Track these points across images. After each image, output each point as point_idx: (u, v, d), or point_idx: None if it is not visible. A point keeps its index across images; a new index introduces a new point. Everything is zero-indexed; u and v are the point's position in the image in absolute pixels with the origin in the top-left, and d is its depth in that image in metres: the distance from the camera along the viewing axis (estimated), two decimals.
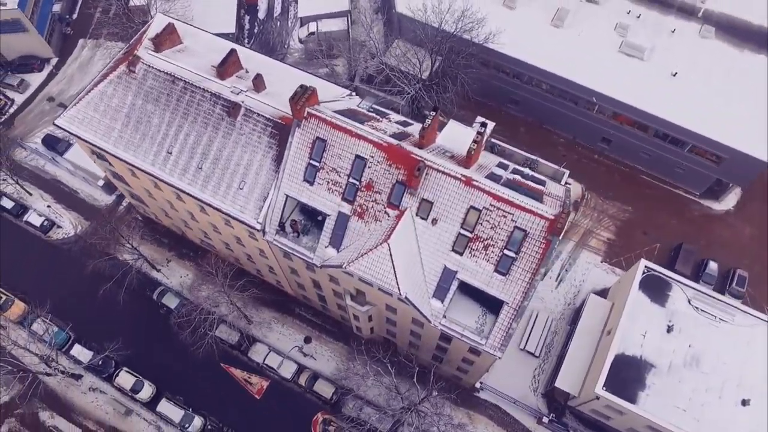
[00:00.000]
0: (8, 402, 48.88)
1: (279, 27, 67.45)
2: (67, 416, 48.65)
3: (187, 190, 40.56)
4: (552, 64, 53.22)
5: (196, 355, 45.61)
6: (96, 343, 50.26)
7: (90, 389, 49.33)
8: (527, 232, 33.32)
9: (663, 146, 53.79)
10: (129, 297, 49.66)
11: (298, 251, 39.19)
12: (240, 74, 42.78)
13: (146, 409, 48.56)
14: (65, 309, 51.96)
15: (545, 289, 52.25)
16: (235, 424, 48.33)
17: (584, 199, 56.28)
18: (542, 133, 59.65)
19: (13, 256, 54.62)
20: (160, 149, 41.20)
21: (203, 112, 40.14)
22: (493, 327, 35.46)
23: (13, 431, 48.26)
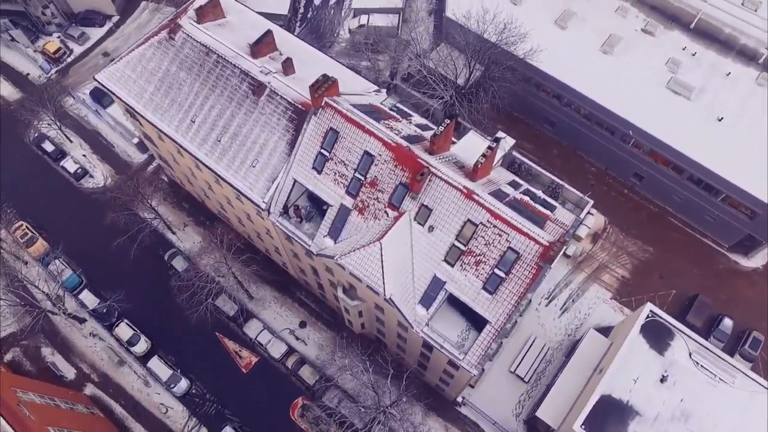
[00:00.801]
0: (16, 332, 51.49)
1: (332, 15, 68.12)
2: (66, 356, 50.93)
3: (204, 160, 41.68)
4: (593, 90, 51.93)
5: (191, 319, 46.82)
6: (103, 292, 52.37)
7: (91, 334, 51.45)
8: (520, 255, 32.76)
9: (696, 191, 51.68)
10: (140, 253, 51.50)
11: (298, 236, 39.74)
12: (273, 55, 43.57)
13: (138, 362, 50.30)
14: (80, 254, 54.46)
15: (548, 316, 51.19)
16: (219, 393, 49.46)
17: (605, 232, 54.71)
18: (574, 159, 58.25)
19: (44, 197, 57.52)
20: (185, 117, 42.45)
21: (230, 87, 41.10)
22: (473, 344, 35.06)
23: (16, 360, 50.84)
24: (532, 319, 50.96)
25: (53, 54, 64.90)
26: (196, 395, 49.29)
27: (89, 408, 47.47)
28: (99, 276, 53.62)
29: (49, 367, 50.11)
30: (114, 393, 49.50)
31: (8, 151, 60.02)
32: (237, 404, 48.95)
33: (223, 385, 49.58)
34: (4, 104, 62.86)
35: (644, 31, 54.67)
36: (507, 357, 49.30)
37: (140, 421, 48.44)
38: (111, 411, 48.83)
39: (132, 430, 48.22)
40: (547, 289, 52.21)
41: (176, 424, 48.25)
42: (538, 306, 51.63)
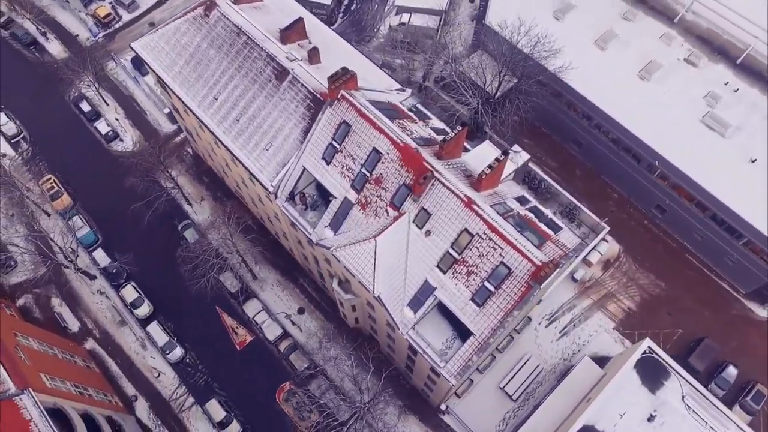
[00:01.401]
0: (30, 280, 53.64)
1: (375, 10, 68.34)
2: (73, 309, 52.82)
3: (221, 137, 42.50)
4: (624, 114, 50.77)
5: (193, 290, 47.87)
6: (115, 252, 54.08)
7: (98, 291, 53.19)
8: (511, 271, 32.40)
9: (718, 232, 50.01)
10: (155, 220, 52.88)
11: (300, 223, 40.19)
12: (302, 43, 44.05)
13: (139, 325, 51.77)
14: (99, 213, 56.54)
15: (546, 337, 50.41)
16: (211, 366, 50.51)
17: (618, 261, 53.48)
18: (597, 183, 57.07)
19: (74, 154, 59.70)
20: (209, 93, 43.35)
21: (255, 69, 41.76)
22: (456, 354, 34.87)
23: (27, 306, 53.00)
24: (530, 337, 50.28)
25: (103, 18, 67.09)
26: (188, 365, 50.45)
27: (87, 362, 49.16)
28: (113, 236, 55.42)
29: (56, 318, 52.08)
30: (112, 351, 51.13)
31: (48, 106, 62.50)
32: (226, 379, 49.90)
33: (215, 359, 50.61)
34: (51, 61, 65.38)
35: (687, 61, 53.08)
36: (498, 372, 48.81)
37: (132, 382, 49.89)
38: (107, 368, 50.44)
39: (124, 388, 49.68)
40: (550, 310, 51.41)
41: (166, 390, 49.51)
42: (538, 326, 50.90)
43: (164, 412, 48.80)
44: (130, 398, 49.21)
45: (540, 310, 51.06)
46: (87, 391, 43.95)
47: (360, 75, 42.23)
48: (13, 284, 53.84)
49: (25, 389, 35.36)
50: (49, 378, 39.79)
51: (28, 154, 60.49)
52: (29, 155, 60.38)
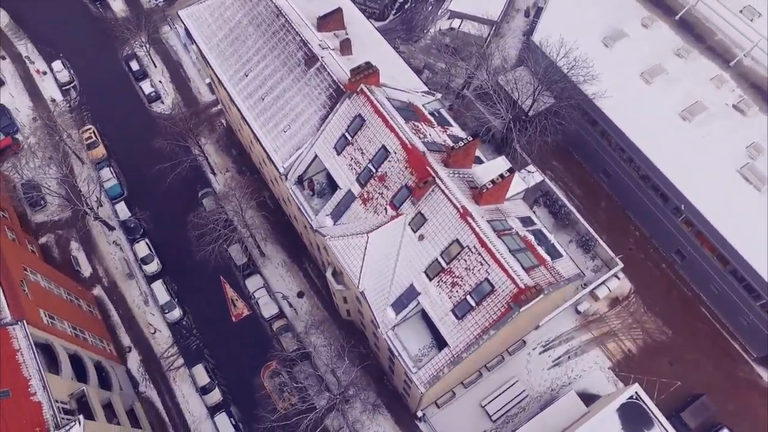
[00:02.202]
0: (55, 221, 56.33)
1: (428, 11, 68.29)
2: (88, 254, 55.15)
3: (244, 113, 43.46)
4: (657, 153, 49.16)
5: (198, 257, 49.17)
6: (136, 208, 56.15)
7: (114, 242, 55.36)
8: (494, 289, 32.01)
9: (736, 288, 47.83)
10: (179, 183, 54.42)
11: (304, 207, 40.76)
12: (338, 33, 44.52)
13: (145, 281, 53.59)
14: (128, 168, 58.83)
15: (538, 364, 49.46)
16: (205, 332, 51.84)
17: (627, 300, 51.91)
18: (620, 218, 55.49)
19: (116, 109, 62.25)
20: (241, 69, 44.39)
21: (287, 52, 42.51)
22: (429, 362, 34.72)
23: (48, 245, 55.71)
24: (521, 361, 49.46)
25: None
26: (184, 327, 51.94)
27: (91, 307, 51.28)
28: (137, 192, 57.56)
29: (71, 260, 54.46)
30: (116, 301, 53.15)
31: (101, 60, 65.33)
32: (217, 348, 51.14)
33: (210, 326, 51.91)
34: (112, 18, 68.21)
35: (735, 107, 50.88)
36: (483, 390, 48.23)
37: (130, 334, 51.75)
38: (109, 316, 52.47)
39: (120, 338, 51.60)
40: (547, 337, 50.42)
41: (158, 347, 51.14)
42: (532, 351, 50.00)
43: (153, 368, 50.44)
44: (124, 349, 51.08)
45: (537, 336, 50.16)
46: (83, 335, 45.87)
47: (389, 73, 42.61)
48: (39, 222, 56.66)
49: (20, 321, 37.21)
50: (48, 315, 41.72)
51: (75, 102, 63.41)
52: (76, 104, 63.27)
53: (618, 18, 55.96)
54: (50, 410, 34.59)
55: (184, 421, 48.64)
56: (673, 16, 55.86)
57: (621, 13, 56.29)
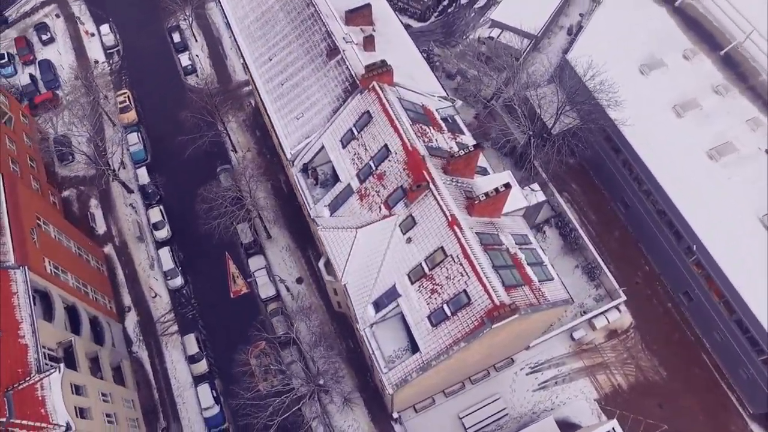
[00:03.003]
0: (79, 177, 58.67)
1: (470, 17, 67.87)
2: (105, 213, 57.31)
3: (262, 96, 44.29)
4: (676, 188, 47.68)
5: (203, 230, 50.29)
6: (156, 174, 57.96)
7: (131, 205, 57.28)
8: (471, 302, 31.83)
9: (739, 339, 46.10)
10: (200, 156, 55.83)
11: (305, 195, 41.33)
12: (365, 29, 44.80)
13: (154, 246, 55.27)
14: (154, 135, 60.85)
15: (523, 384, 48.82)
16: (203, 304, 53.10)
17: (625, 334, 50.64)
18: (632, 250, 54.07)
19: (153, 77, 64.35)
20: (266, 52, 45.23)
21: (312, 41, 43.09)
22: (400, 365, 34.79)
23: (69, 198, 58.13)
24: (507, 379, 48.93)
25: None
26: (183, 296, 53.36)
27: (99, 263, 53.25)
28: (159, 159, 59.45)
29: (89, 216, 56.66)
30: (124, 261, 55.03)
31: (146, 29, 67.56)
32: (211, 320, 52.32)
33: (208, 299, 53.14)
34: None
35: None
36: (463, 402, 47.95)
37: (131, 294, 53.52)
38: (115, 275, 54.38)
39: (122, 298, 53.43)
40: (537, 359, 49.69)
41: (156, 311, 52.71)
42: (519, 371, 49.38)
43: (149, 330, 52.06)
44: (124, 308, 52.87)
45: (526, 356, 49.52)
46: (85, 289, 47.70)
47: (408, 73, 42.80)
48: (64, 176, 59.12)
49: (22, 266, 39.02)
50: (52, 265, 43.57)
51: (116, 66, 65.77)
52: (117, 67, 65.64)
53: (659, 46, 54.53)
54: (35, 354, 36.21)
55: (170, 386, 50.05)
56: (718, 51, 54.09)
57: (663, 41, 54.83)
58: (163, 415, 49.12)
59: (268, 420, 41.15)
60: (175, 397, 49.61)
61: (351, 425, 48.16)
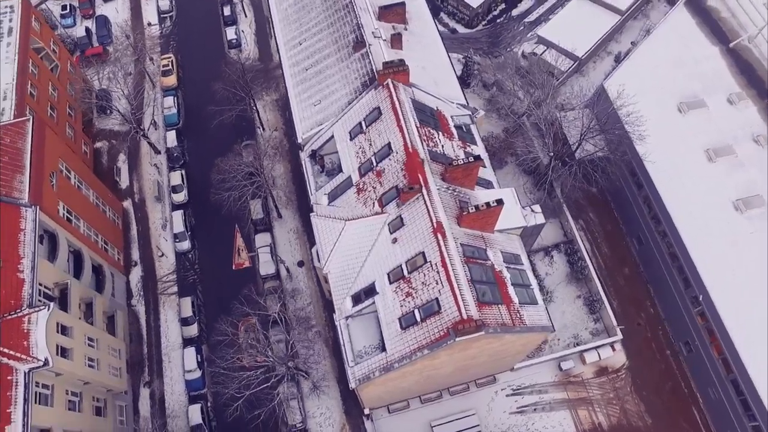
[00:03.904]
0: (113, 131, 61.09)
1: (517, 30, 66.93)
2: (130, 168, 59.60)
3: (286, 78, 45.09)
4: (693, 234, 45.96)
5: (217, 201, 51.50)
6: (184, 139, 59.82)
7: (155, 165, 59.30)
8: (440, 311, 31.69)
9: (733, 401, 44.16)
10: (227, 129, 57.25)
11: (309, 181, 41.89)
12: (397, 26, 44.96)
13: (170, 207, 57.06)
14: (189, 101, 62.75)
15: (501, 405, 48.17)
16: (205, 271, 54.50)
17: (616, 374, 49.21)
18: (640, 289, 52.43)
19: (198, 47, 66.32)
20: (297, 36, 46.00)
21: (341, 31, 43.54)
22: (366, 361, 34.94)
23: (101, 150, 60.71)
24: (485, 397, 48.41)
25: None
26: (188, 260, 54.94)
27: (116, 216, 55.41)
28: (189, 125, 61.37)
29: (115, 170, 59.02)
30: (139, 217, 57.08)
31: None
32: (209, 288, 53.65)
33: (211, 267, 54.52)
34: None
35: None
36: (437, 411, 47.71)
37: (140, 250, 55.49)
38: (129, 229, 56.51)
39: (131, 251, 55.46)
40: (520, 383, 48.92)
41: (159, 270, 54.48)
42: (500, 391, 48.74)
43: (149, 287, 53.90)
44: (131, 262, 54.87)
45: (510, 377, 48.82)
46: (96, 238, 49.75)
47: (431, 77, 42.83)
48: (100, 128, 61.67)
49: (34, 206, 41.02)
50: (66, 209, 45.59)
51: (166, 30, 68.06)
52: (167, 32, 67.94)
53: (704, 86, 52.61)
54: (30, 289, 38.06)
55: (160, 343, 51.71)
56: (767, 99, 51.72)
57: (709, 82, 52.88)
58: (149, 370, 50.83)
59: (236, 392, 41.94)
60: (163, 355, 51.24)
61: (324, 413, 48.69)
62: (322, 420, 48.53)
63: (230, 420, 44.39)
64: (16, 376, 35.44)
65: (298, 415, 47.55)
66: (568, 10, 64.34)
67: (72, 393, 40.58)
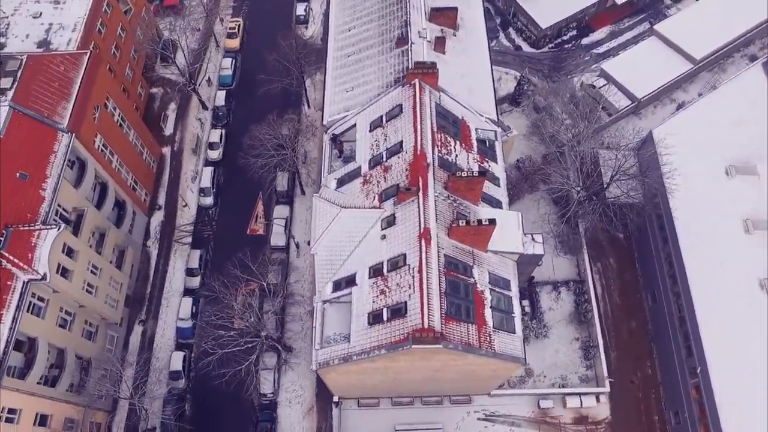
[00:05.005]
0: (171, 79, 63.75)
1: (582, 59, 65.05)
2: (177, 118, 62.23)
3: (328, 60, 45.86)
4: (708, 307, 43.56)
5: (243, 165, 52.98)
6: (232, 101, 61.99)
7: (199, 119, 61.68)
8: (405, 315, 31.67)
9: None
10: (275, 99, 58.69)
11: (324, 164, 42.58)
12: (446, 30, 44.75)
13: (203, 162, 59.34)
14: (246, 65, 64.96)
15: (470, 427, 47.40)
16: (220, 228, 56.39)
17: (595, 427, 47.48)
18: (643, 347, 50.29)
19: (268, 16, 68.27)
20: (348, 22, 46.72)
21: (389, 25, 43.89)
22: (331, 348, 35.33)
23: (155, 95, 63.80)
24: (456, 415, 47.79)
25: None
26: (208, 215, 57.02)
27: (152, 160, 58.08)
28: (240, 89, 63.67)
29: (162, 116, 61.83)
30: (174, 166, 59.60)
31: None
32: (221, 246, 55.32)
33: (226, 226, 56.35)
34: None
35: None
36: (406, 416, 47.57)
37: (166, 196, 57.93)
38: (161, 174, 59.11)
39: (159, 195, 58.00)
40: (495, 409, 48.06)
41: (180, 219, 56.73)
42: (474, 412, 48.03)
43: (167, 232, 56.25)
44: (156, 205, 57.42)
45: (485, 401, 48.04)
46: (128, 175, 52.37)
47: (468, 85, 42.66)
48: (160, 75, 64.52)
49: (71, 132, 43.66)
50: (102, 142, 48.20)
51: None
52: None
53: (760, 152, 49.58)
54: (47, 208, 40.64)
55: (163, 287, 53.95)
56: None
57: None
58: (147, 309, 53.18)
59: (210, 348, 43.24)
60: (163, 298, 53.46)
61: (296, 390, 49.53)
62: (293, 396, 49.42)
63: (208, 376, 45.37)
64: (15, 282, 38.01)
65: (270, 386, 48.55)
66: (639, 48, 62.06)
67: (66, 312, 43.11)
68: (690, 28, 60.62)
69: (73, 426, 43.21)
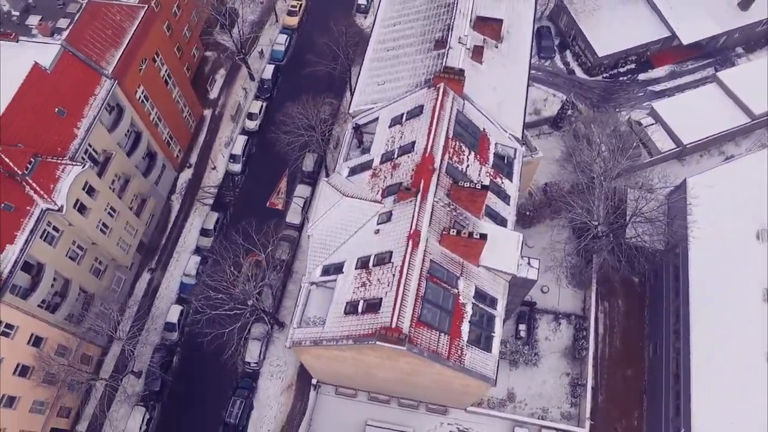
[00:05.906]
0: (228, 48, 65.58)
1: (633, 95, 63.09)
2: (224, 83, 64.53)
3: (368, 50, 46.24)
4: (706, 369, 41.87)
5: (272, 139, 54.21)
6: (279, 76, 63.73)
7: (244, 89, 63.62)
8: (378, 311, 31.83)
9: None
10: (320, 81, 59.52)
11: (342, 150, 43.13)
12: (488, 39, 44.26)
13: (239, 131, 61.16)
14: (298, 44, 66.61)
15: None
16: (242, 196, 58.19)
17: None
18: (634, 397, 48.83)
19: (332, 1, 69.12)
20: (396, 17, 46.88)
21: (432, 27, 43.83)
22: (306, 329, 35.93)
23: (210, 60, 66.15)
24: (430, 423, 47.65)
25: None
26: (233, 181, 58.78)
27: (191, 119, 60.21)
28: (289, 66, 65.36)
29: (210, 79, 64.00)
30: (211, 128, 61.71)
31: None
32: (238, 212, 56.79)
33: (249, 195, 57.97)
34: None
35: None
36: (379, 413, 47.77)
37: (198, 156, 60.20)
38: (198, 134, 61.26)
39: (192, 154, 60.08)
40: (468, 426, 47.60)
41: (207, 180, 58.77)
42: (447, 424, 47.76)
43: (191, 191, 58.38)
44: (187, 163, 59.52)
45: (461, 416, 47.66)
46: (164, 130, 54.50)
47: (498, 98, 42.19)
48: (216, 40, 66.59)
49: (114, 79, 45.82)
50: (144, 93, 50.33)
51: None
52: None
53: None
54: (77, 145, 42.91)
55: (177, 242, 56.02)
56: None
57: None
58: (158, 260, 55.31)
59: (200, 307, 44.61)
60: (175, 252, 55.49)
61: (280, 366, 50.59)
62: (276, 370, 50.51)
63: (200, 334, 46.61)
64: (34, 209, 40.34)
65: (256, 356, 49.70)
66: (697, 93, 59.74)
67: (78, 246, 45.41)
68: (755, 81, 57.83)
69: (65, 353, 45.50)
